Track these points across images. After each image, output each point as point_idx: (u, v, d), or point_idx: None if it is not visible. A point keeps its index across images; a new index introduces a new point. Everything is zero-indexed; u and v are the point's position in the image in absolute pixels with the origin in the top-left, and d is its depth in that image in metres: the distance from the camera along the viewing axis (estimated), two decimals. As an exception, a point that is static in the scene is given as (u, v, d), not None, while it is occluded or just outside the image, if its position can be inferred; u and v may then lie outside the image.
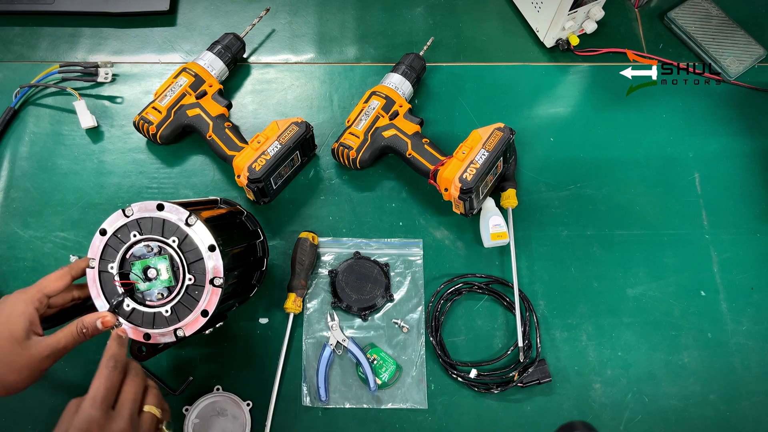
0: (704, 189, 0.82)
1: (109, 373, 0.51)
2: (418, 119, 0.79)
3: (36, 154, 0.81)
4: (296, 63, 0.89)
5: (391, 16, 0.93)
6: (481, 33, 0.92)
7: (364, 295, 0.73)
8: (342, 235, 0.78)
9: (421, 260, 0.76)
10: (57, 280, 0.58)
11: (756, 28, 0.91)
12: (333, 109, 0.86)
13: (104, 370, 0.51)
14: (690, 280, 0.76)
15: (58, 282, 0.58)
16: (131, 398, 0.51)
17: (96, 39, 0.90)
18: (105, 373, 0.51)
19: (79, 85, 0.85)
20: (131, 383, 0.52)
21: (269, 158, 0.71)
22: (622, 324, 0.74)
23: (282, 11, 0.93)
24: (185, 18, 0.92)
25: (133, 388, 0.52)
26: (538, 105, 0.87)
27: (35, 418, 0.67)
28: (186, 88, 0.79)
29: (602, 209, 0.80)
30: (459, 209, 0.74)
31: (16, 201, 0.78)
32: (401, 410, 0.69)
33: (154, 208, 0.57)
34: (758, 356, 0.72)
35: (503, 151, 0.73)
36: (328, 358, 0.70)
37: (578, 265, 0.77)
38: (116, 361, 0.52)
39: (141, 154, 0.82)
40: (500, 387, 0.69)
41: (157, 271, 0.57)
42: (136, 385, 0.52)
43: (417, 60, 0.83)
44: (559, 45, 0.89)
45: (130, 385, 0.52)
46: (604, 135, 0.85)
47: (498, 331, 0.73)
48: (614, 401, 0.70)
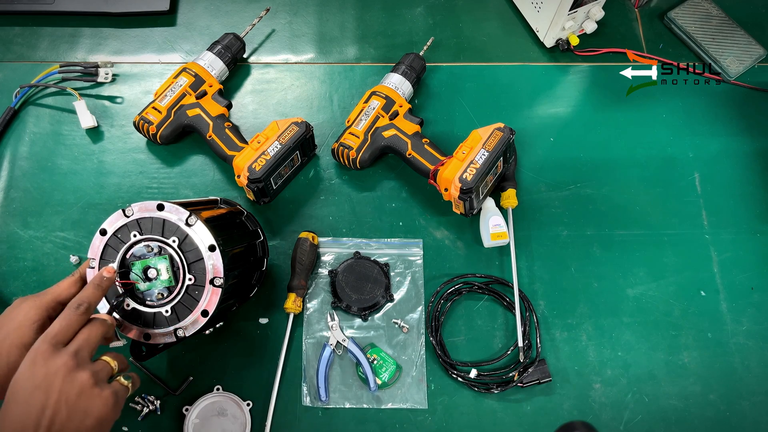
0: (704, 189, 0.82)
1: (71, 313, 0.50)
2: (418, 119, 0.79)
3: (36, 154, 0.81)
4: (296, 63, 0.89)
5: (391, 16, 0.93)
6: (481, 33, 0.92)
7: (364, 295, 0.73)
8: (342, 235, 0.78)
9: (421, 260, 0.76)
10: (70, 287, 0.57)
11: (756, 28, 0.91)
12: (333, 109, 0.86)
13: (67, 310, 0.51)
14: (690, 280, 0.76)
15: (71, 289, 0.57)
16: (84, 339, 0.50)
17: (96, 39, 0.90)
18: (66, 313, 0.51)
19: (79, 85, 0.85)
20: (90, 328, 0.51)
21: (269, 158, 0.71)
22: (622, 324, 0.74)
23: (282, 11, 0.93)
24: (185, 18, 0.92)
25: (91, 332, 0.51)
26: (538, 105, 0.87)
27: (35, 418, 0.67)
28: (186, 88, 0.79)
29: (602, 209, 0.80)
30: (459, 209, 0.74)
31: (16, 201, 0.78)
32: (401, 410, 0.69)
33: (154, 208, 0.57)
34: (758, 356, 0.72)
35: (503, 151, 0.73)
36: (328, 358, 0.70)
37: (578, 265, 0.77)
38: (81, 303, 0.51)
39: (141, 154, 0.82)
40: (500, 387, 0.69)
41: (157, 271, 0.57)
42: (94, 330, 0.51)
43: (417, 60, 0.83)
44: (559, 45, 0.89)
45: (89, 329, 0.51)
46: (604, 135, 0.85)
47: (498, 331, 0.73)
48: (614, 401, 0.70)
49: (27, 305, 0.55)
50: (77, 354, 0.49)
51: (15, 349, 0.52)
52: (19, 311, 0.54)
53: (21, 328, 0.53)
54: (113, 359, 0.52)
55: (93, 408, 0.48)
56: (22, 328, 0.53)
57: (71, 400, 0.47)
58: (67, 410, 0.46)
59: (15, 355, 0.52)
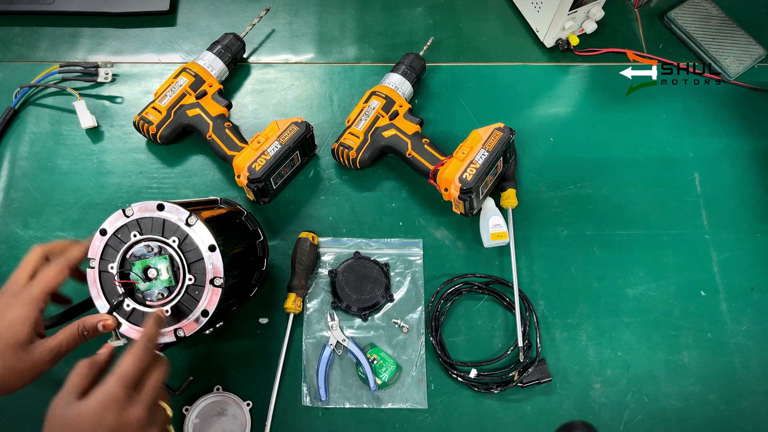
0: (704, 189, 0.82)
1: (143, 353, 0.48)
2: (418, 119, 0.79)
3: (36, 154, 0.81)
4: (296, 63, 0.90)
5: (391, 16, 0.93)
6: (481, 33, 0.92)
7: (364, 295, 0.73)
8: (342, 235, 0.78)
9: (421, 260, 0.76)
10: (58, 276, 0.55)
11: (756, 28, 0.91)
12: (333, 109, 0.86)
13: (139, 349, 0.48)
14: (690, 280, 0.76)
15: (58, 278, 0.55)
16: (155, 386, 0.49)
17: (96, 39, 0.90)
18: (139, 352, 0.48)
19: (79, 85, 0.85)
20: (158, 372, 0.50)
21: (269, 158, 0.71)
22: (622, 324, 0.74)
23: (282, 11, 0.93)
24: (185, 18, 0.92)
25: (159, 376, 0.50)
26: (538, 105, 0.87)
27: (35, 418, 0.67)
28: (186, 88, 0.79)
29: (602, 209, 0.80)
30: (459, 209, 0.74)
31: (16, 201, 0.78)
32: (401, 410, 0.69)
33: (155, 208, 0.57)
34: (758, 356, 0.72)
35: (503, 151, 0.73)
36: (328, 358, 0.70)
37: (578, 265, 0.77)
38: (152, 342, 0.50)
39: (141, 154, 0.82)
40: (500, 387, 0.69)
41: (158, 271, 0.57)
42: (161, 376, 0.50)
43: (417, 60, 0.83)
44: (559, 45, 0.89)
45: (157, 373, 0.50)
46: (604, 135, 0.85)
47: (498, 331, 0.73)
48: (614, 401, 0.70)
49: (17, 302, 0.52)
50: (150, 407, 0.47)
51: (10, 350, 0.50)
52: (9, 309, 0.52)
53: (14, 327, 0.51)
54: (168, 406, 0.51)
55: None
56: (16, 327, 0.51)
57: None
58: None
59: (10, 356, 0.50)
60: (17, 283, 0.55)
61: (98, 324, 0.55)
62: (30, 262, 0.56)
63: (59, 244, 0.59)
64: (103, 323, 0.55)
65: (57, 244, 0.59)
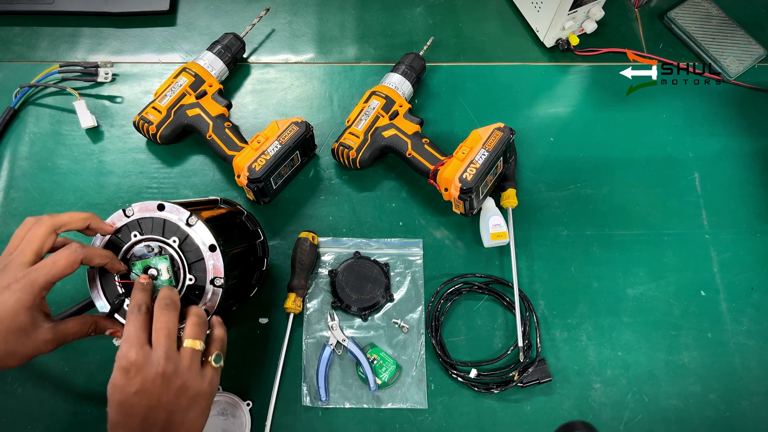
0: (704, 189, 0.82)
1: (135, 316, 0.51)
2: (418, 119, 0.79)
3: (36, 154, 0.81)
4: (296, 63, 0.89)
5: (391, 16, 0.93)
6: (481, 33, 0.92)
7: (364, 295, 0.73)
8: (342, 235, 0.78)
9: (421, 260, 0.76)
10: (67, 268, 0.51)
11: (756, 28, 0.91)
12: (333, 109, 0.86)
13: (130, 315, 0.51)
14: (690, 280, 0.76)
15: (67, 270, 0.51)
16: (164, 333, 0.50)
17: (96, 39, 0.90)
18: (131, 317, 0.51)
19: (79, 85, 0.85)
20: (161, 316, 0.51)
21: (269, 158, 0.71)
22: (622, 324, 0.74)
23: (282, 11, 0.93)
24: (185, 18, 0.92)
25: (164, 318, 0.51)
26: (538, 105, 0.87)
27: (35, 418, 0.67)
28: (186, 88, 0.79)
29: (602, 209, 0.80)
30: (459, 209, 0.74)
31: (16, 201, 0.78)
32: (401, 410, 0.69)
33: (155, 208, 0.57)
34: (758, 356, 0.72)
35: (503, 150, 0.73)
36: (328, 358, 0.70)
37: (578, 265, 0.77)
38: (140, 305, 0.52)
39: (141, 154, 0.82)
40: (500, 387, 0.69)
41: (158, 271, 0.57)
42: (167, 318, 0.51)
43: (417, 60, 0.83)
44: (559, 45, 0.89)
45: (159, 318, 0.51)
46: (604, 135, 0.85)
47: (498, 331, 0.73)
48: (614, 401, 0.70)
49: (18, 286, 0.50)
50: (168, 356, 0.49)
51: (12, 335, 0.50)
52: (10, 295, 0.50)
53: (17, 314, 0.50)
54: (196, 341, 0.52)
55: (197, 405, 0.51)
56: (18, 314, 0.50)
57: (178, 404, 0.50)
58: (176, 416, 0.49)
59: (13, 341, 0.50)
60: (21, 258, 0.51)
61: (107, 331, 0.57)
62: (37, 236, 0.52)
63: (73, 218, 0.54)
64: (112, 332, 0.57)
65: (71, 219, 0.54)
